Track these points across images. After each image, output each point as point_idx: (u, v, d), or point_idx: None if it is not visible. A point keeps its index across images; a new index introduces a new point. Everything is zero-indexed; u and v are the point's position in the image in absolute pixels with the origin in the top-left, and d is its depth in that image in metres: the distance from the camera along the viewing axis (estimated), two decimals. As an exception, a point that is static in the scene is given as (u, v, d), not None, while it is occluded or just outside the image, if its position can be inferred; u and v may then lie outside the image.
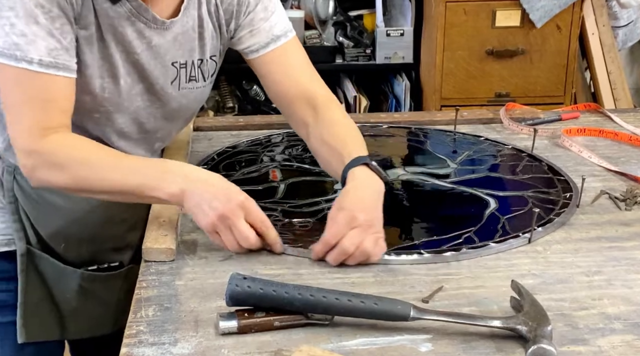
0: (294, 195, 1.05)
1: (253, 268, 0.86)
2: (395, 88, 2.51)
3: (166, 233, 0.90)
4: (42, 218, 0.99)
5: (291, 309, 0.75)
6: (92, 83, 0.91)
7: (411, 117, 1.38)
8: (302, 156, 1.19)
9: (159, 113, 0.99)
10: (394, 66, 2.44)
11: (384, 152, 1.22)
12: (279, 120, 1.32)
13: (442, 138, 1.27)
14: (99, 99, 0.93)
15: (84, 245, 1.02)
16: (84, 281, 1.01)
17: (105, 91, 0.92)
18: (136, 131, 0.99)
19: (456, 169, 1.14)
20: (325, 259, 0.86)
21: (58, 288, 1.01)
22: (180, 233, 0.94)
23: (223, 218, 0.85)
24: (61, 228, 0.99)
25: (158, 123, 1.00)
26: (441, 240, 0.92)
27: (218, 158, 1.18)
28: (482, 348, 0.73)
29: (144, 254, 0.88)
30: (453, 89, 2.28)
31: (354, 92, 2.42)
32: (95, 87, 0.92)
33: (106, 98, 0.93)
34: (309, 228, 0.95)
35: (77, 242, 1.01)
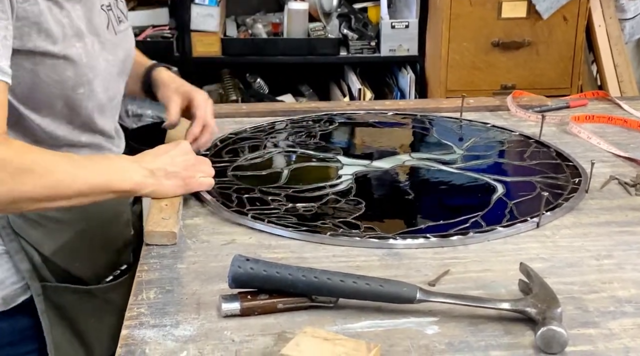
0: (298, 181, 1.04)
1: (256, 252, 0.85)
2: (400, 81, 2.50)
3: (168, 217, 0.89)
4: (48, 238, 0.93)
5: (295, 291, 0.74)
6: (71, 52, 0.89)
7: (416, 104, 1.37)
8: (305, 142, 1.18)
9: (115, 70, 0.97)
10: (398, 58, 2.42)
11: (388, 139, 1.21)
12: (283, 108, 1.31)
13: (448, 126, 1.26)
14: (81, 67, 0.90)
15: (95, 252, 0.98)
16: (107, 294, 0.97)
17: (82, 56, 0.90)
18: (107, 99, 0.97)
19: (462, 155, 1.13)
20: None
21: (80, 317, 0.96)
22: (183, 218, 0.93)
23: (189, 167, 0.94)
24: (70, 242, 0.95)
25: (115, 84, 0.99)
26: (447, 225, 0.91)
27: (221, 144, 1.17)
28: (489, 330, 0.72)
29: (145, 237, 0.87)
30: (458, 81, 2.26)
31: (359, 84, 2.41)
32: (74, 55, 0.89)
33: (85, 63, 0.90)
34: (313, 212, 0.94)
35: (89, 253, 0.97)
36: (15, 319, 0.93)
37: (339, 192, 1.00)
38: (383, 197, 1.03)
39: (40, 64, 0.87)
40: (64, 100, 0.91)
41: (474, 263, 0.84)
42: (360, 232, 0.89)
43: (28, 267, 0.92)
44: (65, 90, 0.90)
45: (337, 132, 1.24)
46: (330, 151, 1.14)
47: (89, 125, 0.95)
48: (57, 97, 0.90)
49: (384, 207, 0.99)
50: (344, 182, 1.03)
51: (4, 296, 0.92)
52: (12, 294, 0.92)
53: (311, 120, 1.28)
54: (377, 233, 0.89)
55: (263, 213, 0.93)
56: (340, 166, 1.09)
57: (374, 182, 1.05)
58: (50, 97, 0.89)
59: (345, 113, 1.31)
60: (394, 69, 2.54)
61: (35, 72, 0.88)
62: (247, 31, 2.43)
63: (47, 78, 0.88)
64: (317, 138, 1.19)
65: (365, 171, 1.07)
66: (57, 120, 0.92)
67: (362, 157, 1.13)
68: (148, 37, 2.33)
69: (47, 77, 0.88)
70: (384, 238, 0.88)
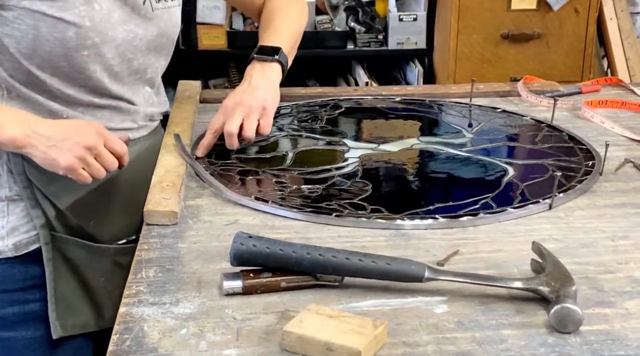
0: (303, 163, 1.02)
1: (259, 232, 0.83)
2: (407, 74, 2.48)
3: (169, 197, 0.88)
4: (65, 192, 0.93)
5: (299, 269, 0.72)
6: (70, 13, 0.88)
7: (425, 89, 1.35)
8: (311, 126, 1.16)
9: (143, 44, 0.96)
10: (406, 52, 2.41)
11: (396, 125, 1.19)
12: (289, 93, 1.30)
13: (458, 110, 1.24)
14: (84, 30, 0.89)
15: (115, 215, 0.97)
16: (118, 256, 0.97)
17: (85, 19, 0.89)
18: (126, 70, 0.96)
19: (472, 139, 1.11)
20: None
21: (90, 273, 0.96)
22: (184, 198, 0.92)
23: (89, 149, 0.86)
24: (87, 199, 0.94)
25: (145, 59, 0.97)
26: (457, 206, 0.89)
27: (225, 128, 1.15)
28: (500, 310, 0.69)
29: (145, 217, 0.86)
30: (467, 74, 2.24)
31: (366, 78, 2.39)
32: (74, 17, 0.88)
33: (89, 27, 0.89)
34: (318, 194, 0.92)
35: (107, 212, 0.97)
36: (27, 266, 0.94)
37: (345, 175, 0.98)
38: (390, 180, 1.01)
39: (41, 20, 0.87)
40: (67, 59, 0.90)
41: (485, 243, 0.82)
42: (367, 212, 0.87)
43: (39, 214, 0.93)
44: (68, 50, 0.89)
45: (344, 117, 1.22)
46: (336, 135, 1.13)
47: (100, 90, 0.95)
48: (60, 55, 0.89)
49: (391, 189, 0.98)
50: (350, 165, 1.01)
51: (16, 243, 0.93)
52: (24, 241, 0.93)
53: (317, 105, 1.26)
54: (384, 214, 0.87)
55: (267, 195, 0.91)
56: (347, 149, 1.07)
57: (381, 164, 1.03)
58: (52, 55, 0.89)
59: (352, 99, 1.29)
60: (401, 62, 2.52)
61: (37, 27, 0.87)
62: (253, 24, 2.42)
63: (48, 35, 0.88)
64: (324, 123, 1.18)
65: (372, 154, 1.06)
66: (65, 81, 0.92)
67: (369, 140, 1.11)
68: (153, 29, 2.32)
69: (48, 34, 0.88)
70: (391, 219, 0.86)
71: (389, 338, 0.65)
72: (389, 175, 1.02)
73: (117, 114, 0.98)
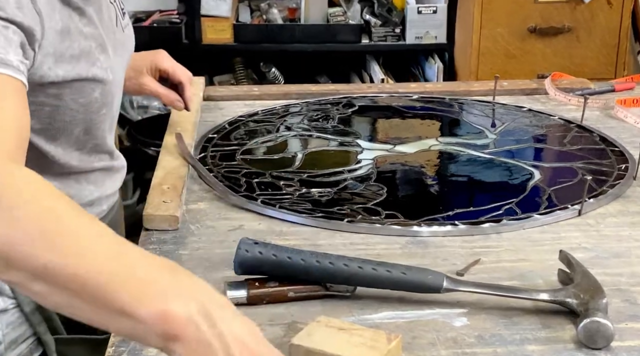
0: (313, 165, 1.03)
1: (266, 238, 0.84)
2: (426, 71, 2.48)
3: (170, 200, 0.88)
4: None
5: (308, 278, 0.72)
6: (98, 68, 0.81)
7: (445, 87, 1.35)
8: (322, 126, 1.17)
9: (123, 76, 0.90)
10: (425, 47, 2.40)
11: (414, 125, 1.19)
12: (298, 90, 1.30)
13: (480, 109, 1.24)
14: (108, 86, 0.82)
15: None
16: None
17: (108, 72, 0.82)
18: (116, 112, 0.90)
19: (495, 140, 1.11)
20: None
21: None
22: (186, 202, 0.92)
23: None
24: None
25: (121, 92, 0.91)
26: (478, 212, 0.89)
27: (230, 127, 1.16)
28: (525, 323, 0.69)
29: (144, 222, 0.86)
30: (491, 71, 2.22)
31: (381, 75, 2.39)
32: (101, 71, 0.81)
33: (112, 81, 0.83)
34: (329, 198, 0.93)
35: None
36: None
37: (358, 177, 0.98)
38: (407, 183, 1.01)
39: (66, 87, 0.78)
40: (85, 124, 0.83)
41: (508, 252, 0.82)
42: (381, 218, 0.87)
43: (40, 320, 0.84)
44: (90, 114, 0.82)
45: (357, 116, 1.22)
46: (349, 135, 1.13)
47: (100, 147, 0.88)
48: (79, 122, 0.82)
49: (408, 194, 0.98)
50: (363, 167, 1.02)
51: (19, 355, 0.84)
52: (25, 352, 0.86)
53: (329, 103, 1.26)
54: (400, 219, 0.87)
55: (274, 199, 0.92)
56: (360, 150, 1.07)
57: (397, 167, 1.03)
58: (71, 124, 0.81)
59: (367, 96, 1.29)
60: (420, 58, 2.51)
61: (59, 96, 0.78)
62: (261, 16, 2.43)
63: (73, 103, 0.79)
64: (335, 122, 1.18)
65: (387, 156, 1.06)
66: (69, 148, 0.84)
67: (384, 141, 1.11)
68: (154, 22, 2.34)
69: (73, 101, 0.79)
70: (407, 225, 0.86)
71: (404, 352, 0.65)
72: (406, 179, 1.02)
73: (107, 175, 0.92)
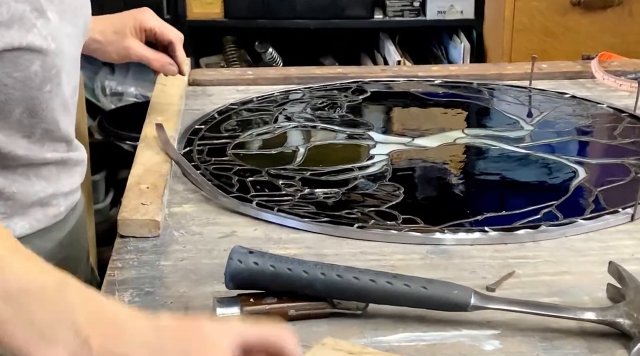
0: (317, 162, 1.03)
1: (262, 247, 0.84)
2: (450, 51, 2.48)
3: (149, 202, 0.89)
4: None
5: (312, 294, 0.73)
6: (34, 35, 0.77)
7: (472, 70, 1.36)
8: (329, 115, 1.18)
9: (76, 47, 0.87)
10: (449, 23, 2.41)
11: (436, 114, 1.20)
12: (300, 73, 1.31)
13: (514, 96, 1.25)
14: (50, 57, 0.79)
15: None
16: None
17: (49, 40, 0.78)
18: (71, 91, 0.86)
19: (532, 131, 1.12)
20: None
21: None
22: (168, 204, 0.93)
23: None
24: None
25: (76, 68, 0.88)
26: (512, 216, 0.89)
27: (219, 116, 1.17)
28: (568, 347, 0.69)
29: (119, 227, 0.87)
30: (527, 51, 2.21)
31: (398, 56, 2.40)
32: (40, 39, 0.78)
33: (54, 50, 0.79)
34: (337, 200, 0.93)
35: None
36: None
37: (371, 176, 0.99)
38: (428, 182, 1.02)
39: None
40: (25, 103, 0.80)
41: (547, 264, 0.82)
42: (398, 223, 0.88)
43: None
44: (29, 91, 0.79)
45: (370, 104, 1.23)
46: (360, 126, 1.14)
47: (52, 134, 0.85)
48: (18, 101, 0.79)
49: (428, 195, 0.99)
50: (376, 164, 1.02)
51: None
52: None
53: (336, 88, 1.27)
54: (420, 225, 0.87)
55: (272, 200, 0.92)
56: (373, 144, 1.08)
57: (417, 163, 1.04)
58: (8, 104, 0.78)
59: (380, 81, 1.30)
60: (443, 36, 2.52)
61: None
62: (257, -13, 2.44)
63: (6, 78, 0.77)
64: (344, 111, 1.19)
65: (404, 150, 1.06)
66: (13, 134, 0.81)
67: (400, 133, 1.12)
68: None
69: (6, 76, 0.76)
70: (428, 231, 0.86)
71: (425, 381, 0.65)
72: (426, 177, 1.03)
73: (63, 169, 0.88)
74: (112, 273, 0.80)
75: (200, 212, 0.91)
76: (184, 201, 0.94)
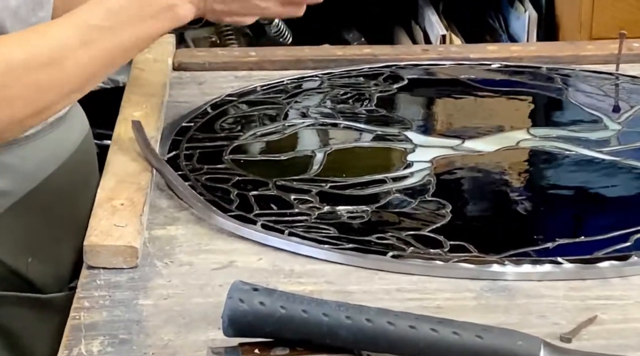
0: (340, 170, 1.04)
1: (269, 281, 0.86)
2: (512, 23, 2.50)
3: (124, 224, 0.91)
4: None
5: (333, 344, 0.74)
6: None
7: (541, 50, 1.37)
8: (353, 110, 1.19)
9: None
10: (510, -14, 2.42)
11: (493, 108, 1.21)
12: (316, 55, 1.33)
13: (596, 85, 1.25)
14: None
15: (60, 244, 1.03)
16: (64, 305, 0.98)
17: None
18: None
19: (620, 132, 1.13)
20: None
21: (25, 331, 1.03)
22: (149, 226, 0.94)
23: None
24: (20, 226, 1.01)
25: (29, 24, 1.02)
26: (592, 243, 0.90)
27: (213, 111, 1.19)
28: (666, 415, 0.70)
29: (86, 256, 0.89)
30: (612, 24, 2.24)
31: (442, 29, 2.42)
32: None
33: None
34: (365, 220, 0.94)
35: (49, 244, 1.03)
36: None
37: (408, 189, 1.00)
38: (482, 198, 1.03)
39: None
40: None
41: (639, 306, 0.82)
42: (444, 251, 0.89)
43: None
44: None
45: (406, 95, 1.24)
46: (394, 124, 1.15)
47: None
48: None
49: (483, 214, 1.00)
50: (415, 174, 1.03)
51: None
52: None
53: (363, 74, 1.28)
54: (472, 254, 0.88)
55: (281, 221, 0.93)
56: (411, 148, 1.09)
57: (468, 173, 1.05)
58: None
59: (421, 65, 1.31)
60: (502, 3, 2.53)
61: None
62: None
63: None
64: (373, 104, 1.20)
65: (452, 156, 1.07)
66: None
67: (447, 134, 1.14)
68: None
69: None
70: (483, 262, 0.87)
71: None
72: (480, 191, 1.04)
73: None
74: (78, 315, 0.82)
75: (190, 236, 0.93)
76: (168, 221, 0.95)
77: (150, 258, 0.89)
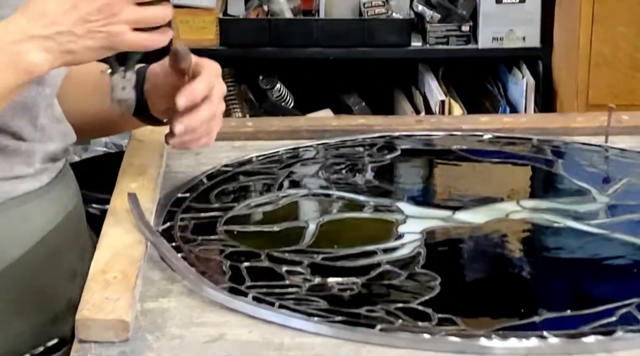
0: (332, 241, 1.05)
1: (258, 354, 0.86)
2: (510, 89, 2.51)
3: (116, 297, 0.91)
4: None
5: None
6: None
7: (532, 122, 1.38)
8: (348, 181, 1.20)
9: None
10: (508, 52, 2.45)
11: (484, 179, 1.22)
12: (312, 125, 1.34)
13: (586, 157, 1.26)
14: None
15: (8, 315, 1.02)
16: None
17: None
18: None
19: (608, 205, 1.14)
20: None
21: None
22: (141, 298, 0.95)
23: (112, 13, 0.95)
24: None
25: None
26: (579, 317, 0.90)
27: (209, 182, 1.20)
28: None
29: (78, 329, 0.88)
30: (608, 91, 2.26)
31: (441, 94, 2.43)
32: None
33: None
34: (354, 292, 0.95)
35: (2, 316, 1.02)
36: None
37: (399, 261, 1.01)
38: (471, 270, 1.03)
39: None
40: None
41: (626, 383, 0.83)
42: (432, 324, 0.89)
43: None
44: None
45: (400, 165, 1.25)
46: (387, 195, 1.16)
47: None
48: None
49: (472, 287, 1.00)
50: (406, 245, 1.04)
51: None
52: None
53: (358, 145, 1.30)
54: (459, 327, 0.88)
55: (273, 293, 0.94)
56: (402, 219, 1.10)
57: (457, 246, 1.06)
58: None
59: (414, 136, 1.32)
60: (500, 69, 2.55)
61: None
62: (261, 8, 2.49)
63: None
64: (367, 175, 1.21)
65: (442, 228, 1.08)
66: None
67: (438, 205, 1.14)
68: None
69: None
70: (469, 336, 0.87)
71: None
72: (470, 263, 1.04)
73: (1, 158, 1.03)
74: (68, 390, 0.83)
75: (182, 309, 0.92)
76: (161, 293, 0.95)
77: (141, 332, 0.89)
